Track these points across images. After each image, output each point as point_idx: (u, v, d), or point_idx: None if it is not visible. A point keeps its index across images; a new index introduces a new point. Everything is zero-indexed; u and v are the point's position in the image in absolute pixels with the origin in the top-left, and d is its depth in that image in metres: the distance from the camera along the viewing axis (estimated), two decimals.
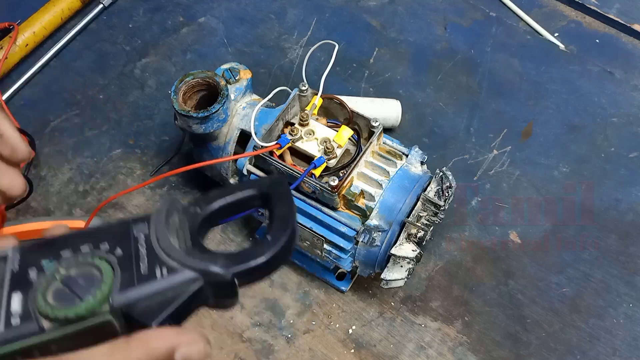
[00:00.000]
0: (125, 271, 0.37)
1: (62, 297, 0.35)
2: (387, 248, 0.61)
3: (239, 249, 0.43)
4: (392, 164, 0.63)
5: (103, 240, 0.39)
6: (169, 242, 0.39)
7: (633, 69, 0.92)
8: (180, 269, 0.37)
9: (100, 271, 0.36)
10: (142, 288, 0.36)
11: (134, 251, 0.38)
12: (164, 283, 0.37)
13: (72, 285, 0.36)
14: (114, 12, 0.96)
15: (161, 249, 0.38)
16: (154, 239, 0.39)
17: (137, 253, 0.38)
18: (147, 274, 0.37)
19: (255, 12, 0.97)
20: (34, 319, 0.35)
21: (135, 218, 0.40)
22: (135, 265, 0.38)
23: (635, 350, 0.69)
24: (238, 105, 0.68)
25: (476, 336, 0.70)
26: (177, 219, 0.41)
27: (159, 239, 0.39)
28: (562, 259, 0.75)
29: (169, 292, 0.37)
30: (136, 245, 0.39)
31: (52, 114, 0.86)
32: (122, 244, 0.39)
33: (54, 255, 0.38)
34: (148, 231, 0.40)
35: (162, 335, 0.34)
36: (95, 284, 0.36)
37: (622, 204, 0.79)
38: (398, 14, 0.97)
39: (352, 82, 0.89)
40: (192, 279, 0.37)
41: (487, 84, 0.90)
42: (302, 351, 0.69)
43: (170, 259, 0.38)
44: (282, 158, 0.62)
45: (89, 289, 0.35)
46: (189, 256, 0.38)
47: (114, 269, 0.37)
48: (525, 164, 0.82)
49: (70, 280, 0.36)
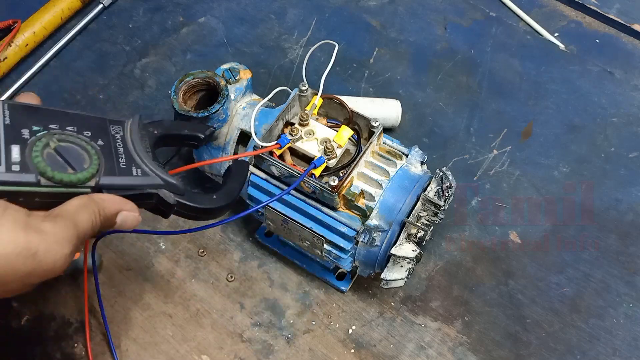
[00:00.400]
0: (107, 160, 0.46)
1: (55, 162, 0.43)
2: (387, 248, 0.61)
3: (192, 189, 0.52)
4: (392, 164, 0.63)
5: (86, 128, 0.47)
6: (143, 149, 0.49)
7: (633, 69, 0.92)
8: (151, 174, 0.48)
9: (88, 153, 0.45)
10: (121, 179, 0.47)
11: (113, 147, 0.48)
12: (137, 180, 0.48)
13: (66, 156, 0.44)
14: (114, 12, 0.96)
15: (136, 152, 0.49)
16: (129, 142, 0.49)
17: (116, 149, 0.48)
18: (125, 169, 0.47)
19: (255, 12, 0.97)
20: (33, 172, 0.42)
21: (112, 119, 0.50)
22: (115, 158, 0.47)
23: (635, 350, 0.69)
24: (238, 105, 0.68)
25: (476, 336, 0.70)
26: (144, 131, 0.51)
27: (134, 143, 0.49)
28: (562, 259, 0.75)
29: (137, 188, 0.48)
30: (115, 142, 0.48)
31: None
32: (102, 137, 0.48)
33: (43, 125, 0.45)
34: (123, 134, 0.49)
35: (114, 199, 0.46)
36: (85, 161, 0.45)
37: (622, 204, 0.79)
38: (398, 14, 0.97)
39: (352, 82, 0.89)
40: (157, 185, 0.48)
41: (487, 84, 0.90)
42: (302, 351, 0.69)
43: (143, 163, 0.48)
44: (282, 158, 0.62)
45: (81, 164, 0.45)
46: (158, 167, 0.49)
47: (98, 156, 0.46)
48: (525, 164, 0.82)
49: (64, 151, 0.44)
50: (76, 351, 0.68)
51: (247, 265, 0.74)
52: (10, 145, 0.43)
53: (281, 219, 0.64)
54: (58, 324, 0.69)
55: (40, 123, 0.46)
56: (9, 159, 0.42)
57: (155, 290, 0.72)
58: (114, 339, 0.68)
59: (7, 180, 0.41)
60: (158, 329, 0.70)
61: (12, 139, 0.43)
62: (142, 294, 0.72)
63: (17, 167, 0.42)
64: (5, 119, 0.44)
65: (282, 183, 0.64)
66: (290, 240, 0.69)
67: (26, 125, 0.45)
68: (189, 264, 0.74)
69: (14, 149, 0.43)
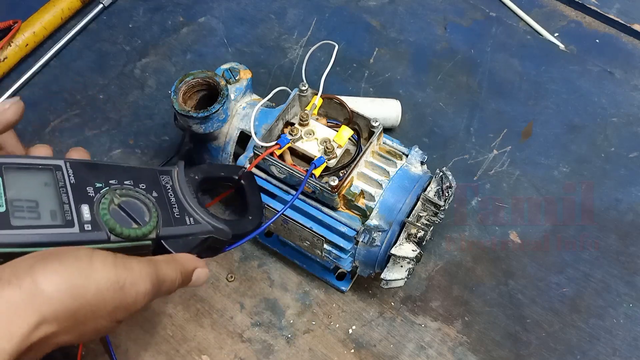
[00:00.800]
0: (163, 212, 0.49)
1: (120, 218, 0.46)
2: (387, 248, 0.61)
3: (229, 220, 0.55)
4: (392, 164, 0.63)
5: (141, 181, 0.50)
6: (193, 197, 0.53)
7: (633, 69, 0.92)
8: (202, 222, 0.51)
9: (147, 206, 0.48)
10: (177, 228, 0.50)
11: (166, 197, 0.51)
12: (191, 229, 0.51)
13: (129, 211, 0.47)
14: (114, 12, 0.96)
15: (186, 201, 0.52)
16: (179, 191, 0.52)
17: (169, 199, 0.51)
18: (179, 219, 0.50)
19: (255, 12, 0.97)
20: (103, 230, 0.45)
21: (160, 169, 0.53)
22: (170, 209, 0.50)
23: (635, 350, 0.69)
24: (238, 105, 0.68)
25: (476, 336, 0.70)
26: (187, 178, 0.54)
27: (183, 192, 0.52)
28: (562, 259, 0.75)
29: (192, 235, 0.51)
30: (167, 193, 0.51)
31: (52, 114, 0.86)
32: (156, 188, 0.51)
33: (104, 181, 0.48)
34: (172, 183, 0.53)
35: (190, 258, 0.50)
36: (146, 214, 0.48)
37: (622, 204, 0.79)
38: (398, 14, 0.97)
39: (352, 82, 0.89)
40: (209, 231, 0.51)
41: (487, 84, 0.90)
42: (302, 351, 0.69)
43: (194, 212, 0.52)
44: (282, 158, 0.62)
45: (143, 217, 0.47)
46: (206, 213, 0.52)
47: (156, 208, 0.49)
48: (525, 164, 0.82)
49: (127, 206, 0.47)
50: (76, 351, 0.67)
51: (247, 265, 0.74)
52: (80, 205, 0.45)
53: (281, 219, 0.64)
54: None
55: (101, 179, 0.48)
56: (80, 219, 0.45)
57: None
58: (114, 339, 0.68)
59: (82, 240, 0.44)
60: (158, 329, 0.70)
61: (80, 198, 0.46)
62: None
63: (89, 227, 0.45)
64: (70, 177, 0.47)
65: (282, 183, 0.64)
66: (290, 240, 0.69)
67: (90, 183, 0.47)
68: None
69: (84, 208, 0.45)
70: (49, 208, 0.44)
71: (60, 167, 0.47)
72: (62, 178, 0.46)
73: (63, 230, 0.43)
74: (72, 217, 0.44)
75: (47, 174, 0.46)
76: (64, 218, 0.44)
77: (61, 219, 0.44)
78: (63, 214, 0.44)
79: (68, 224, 0.44)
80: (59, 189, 0.45)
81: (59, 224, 0.43)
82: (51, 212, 0.44)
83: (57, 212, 0.44)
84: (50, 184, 0.45)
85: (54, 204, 0.44)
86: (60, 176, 0.46)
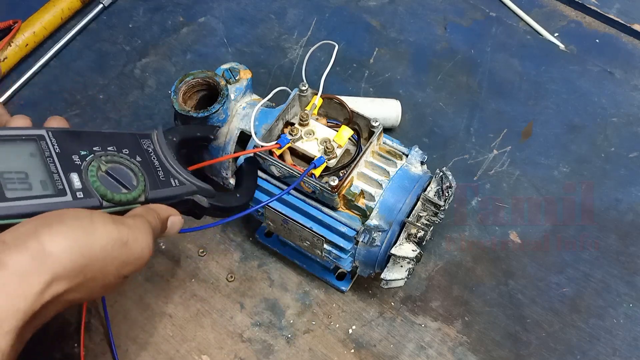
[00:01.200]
0: (149, 175, 0.51)
1: (109, 184, 0.47)
2: (387, 248, 0.61)
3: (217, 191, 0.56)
4: (392, 164, 0.63)
5: (124, 146, 0.51)
6: (174, 159, 0.54)
7: (633, 69, 0.92)
8: (187, 182, 0.53)
9: (133, 171, 0.49)
10: (163, 191, 0.51)
11: (149, 161, 0.52)
12: (176, 190, 0.52)
13: (117, 176, 0.48)
14: (114, 12, 0.96)
15: (169, 164, 0.53)
16: (161, 154, 0.53)
17: (152, 162, 0.52)
18: (165, 181, 0.52)
19: (255, 12, 0.97)
20: (95, 197, 0.46)
21: (140, 133, 0.54)
22: (155, 172, 0.52)
23: (635, 350, 0.69)
24: (238, 105, 0.68)
25: (476, 336, 0.70)
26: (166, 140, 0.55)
27: (165, 155, 0.53)
28: (562, 259, 0.75)
29: (177, 196, 0.52)
30: (149, 156, 0.52)
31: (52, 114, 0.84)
32: (139, 152, 0.52)
33: (88, 148, 0.48)
34: (154, 147, 0.53)
35: (164, 207, 0.51)
36: (133, 179, 0.49)
37: (622, 204, 0.79)
38: (398, 14, 0.97)
39: (352, 82, 0.89)
40: (194, 191, 0.53)
41: (487, 84, 0.90)
42: (302, 351, 0.69)
43: (178, 173, 0.53)
44: (282, 158, 0.62)
45: (131, 182, 0.49)
46: (189, 174, 0.53)
47: (142, 172, 0.50)
48: (525, 164, 0.82)
49: (114, 172, 0.48)
50: (76, 351, 0.68)
51: (247, 265, 0.74)
52: (69, 174, 0.46)
53: (281, 219, 0.64)
54: (58, 324, 0.69)
55: (85, 147, 0.48)
56: (72, 187, 0.45)
57: (155, 290, 0.72)
58: (114, 339, 0.68)
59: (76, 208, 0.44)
60: (158, 329, 0.70)
61: (67, 167, 0.46)
62: (142, 294, 0.72)
63: (81, 194, 0.46)
64: (54, 147, 0.47)
65: (282, 183, 0.64)
66: (290, 240, 0.69)
67: (74, 151, 0.48)
68: (189, 264, 0.74)
69: (73, 177, 0.46)
70: (39, 178, 0.44)
71: (43, 136, 0.47)
72: (47, 148, 0.46)
73: (56, 199, 0.44)
74: (64, 185, 0.45)
75: (31, 145, 0.46)
76: (55, 187, 0.45)
77: (53, 188, 0.45)
78: (54, 184, 0.45)
79: (60, 192, 0.45)
80: (46, 159, 0.46)
81: (51, 193, 0.44)
82: (42, 182, 0.44)
83: (47, 182, 0.45)
84: (36, 155, 0.46)
85: (43, 174, 0.45)
86: (45, 146, 0.46)
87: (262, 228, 0.76)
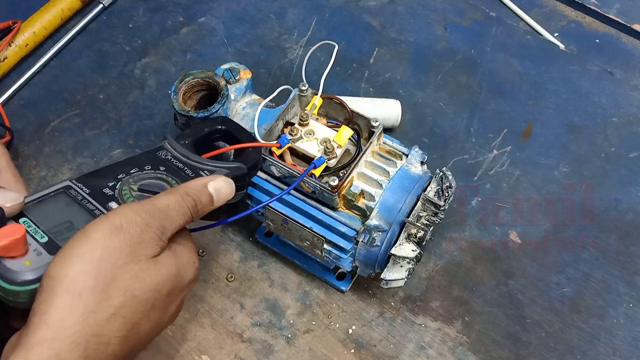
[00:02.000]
0: (179, 177, 0.51)
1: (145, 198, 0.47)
2: (387, 248, 0.61)
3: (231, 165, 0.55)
4: (392, 164, 0.63)
5: (145, 165, 0.51)
6: (195, 154, 0.54)
7: (633, 69, 0.92)
8: (216, 169, 0.53)
9: (163, 179, 0.50)
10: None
11: (173, 166, 0.52)
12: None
13: (152, 189, 0.49)
14: (114, 12, 0.96)
15: (192, 160, 0.53)
16: (180, 156, 0.53)
17: (176, 166, 0.52)
18: (196, 176, 0.51)
19: (255, 12, 0.97)
20: None
21: (154, 149, 0.54)
22: (182, 173, 0.52)
23: (635, 350, 0.69)
24: (238, 105, 0.68)
25: (476, 336, 0.70)
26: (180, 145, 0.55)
27: (185, 155, 0.54)
28: (562, 259, 0.75)
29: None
30: (171, 162, 0.53)
31: (52, 114, 0.86)
32: (160, 164, 0.52)
33: (113, 179, 0.49)
34: (171, 153, 0.54)
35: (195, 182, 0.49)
36: (167, 186, 0.50)
37: (622, 204, 0.79)
38: (398, 14, 0.97)
39: (352, 82, 0.89)
40: (226, 175, 0.52)
41: (487, 84, 0.90)
42: (302, 351, 0.69)
43: (205, 165, 0.53)
44: (282, 158, 0.62)
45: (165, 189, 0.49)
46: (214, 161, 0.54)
47: (172, 177, 0.51)
48: (525, 164, 0.82)
49: (147, 187, 0.49)
50: None
51: (247, 265, 0.74)
52: (108, 204, 0.47)
53: (281, 219, 0.64)
54: None
55: (110, 178, 0.49)
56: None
57: None
58: None
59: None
60: None
61: (103, 200, 0.47)
62: None
63: None
64: (83, 190, 0.48)
65: (282, 183, 0.64)
66: (290, 240, 0.69)
67: (103, 186, 0.48)
68: None
69: (112, 205, 0.47)
70: (83, 220, 0.45)
71: (70, 186, 0.48)
72: (77, 193, 0.47)
73: None
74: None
75: (62, 197, 0.47)
76: None
77: None
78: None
79: None
80: (81, 202, 0.47)
81: None
82: (87, 222, 0.45)
83: (92, 220, 0.45)
84: (71, 202, 0.47)
85: (85, 215, 0.46)
86: (75, 193, 0.47)
87: (262, 228, 0.76)
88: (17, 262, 0.41)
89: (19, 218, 0.45)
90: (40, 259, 0.42)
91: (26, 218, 0.45)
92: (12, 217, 0.44)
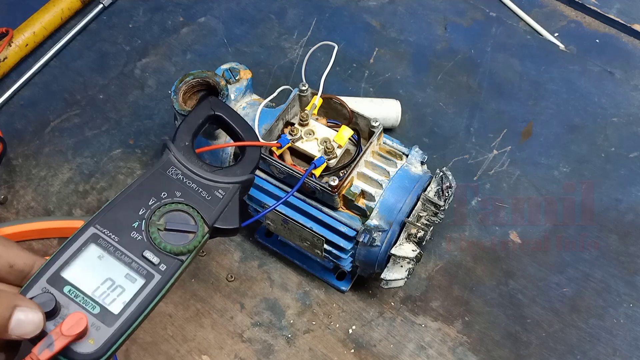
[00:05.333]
0: (196, 203, 0.49)
1: (175, 240, 0.47)
2: (387, 248, 0.61)
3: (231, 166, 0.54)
4: (392, 164, 0.63)
5: (160, 191, 0.49)
6: (204, 170, 0.51)
7: (633, 69, 0.92)
8: (230, 186, 0.51)
9: (184, 211, 0.48)
10: (217, 208, 0.50)
11: (188, 188, 0.50)
12: (226, 199, 0.51)
13: (177, 227, 0.47)
14: (114, 12, 0.96)
15: (204, 179, 0.51)
16: (190, 173, 0.51)
17: (191, 188, 0.50)
18: (212, 199, 0.50)
19: (255, 12, 0.97)
20: (174, 258, 0.46)
21: (159, 165, 0.51)
22: (199, 196, 0.50)
23: (635, 350, 0.69)
24: (238, 106, 0.68)
25: (476, 336, 0.70)
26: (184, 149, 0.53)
27: (195, 171, 0.51)
28: (562, 259, 0.75)
29: (230, 200, 0.51)
30: (185, 184, 0.50)
31: (52, 114, 0.86)
32: (175, 187, 0.50)
33: (137, 217, 0.47)
34: (180, 170, 0.51)
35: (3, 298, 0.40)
36: (190, 219, 0.48)
37: (622, 204, 0.79)
38: (398, 14, 0.97)
39: (352, 82, 0.89)
40: (238, 187, 0.52)
41: (487, 84, 0.90)
42: (302, 351, 0.69)
43: (218, 183, 0.51)
44: (282, 158, 0.62)
45: (190, 223, 0.48)
46: (224, 175, 0.52)
47: (191, 206, 0.49)
48: (525, 164, 0.82)
49: (172, 224, 0.47)
50: None
51: (247, 265, 0.74)
52: (143, 253, 0.46)
53: (281, 219, 0.64)
54: None
55: (133, 215, 0.47)
56: (153, 264, 0.46)
57: None
58: None
59: (167, 280, 0.46)
60: (158, 329, 0.70)
61: (136, 248, 0.46)
62: None
63: (164, 265, 0.46)
64: (112, 237, 0.46)
65: (282, 183, 0.64)
66: (290, 240, 0.69)
67: (127, 227, 0.47)
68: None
69: (148, 254, 0.46)
70: (123, 274, 0.45)
71: (97, 235, 0.46)
72: (107, 243, 0.46)
73: (152, 284, 0.45)
74: (146, 268, 0.45)
75: (93, 248, 0.46)
76: (141, 275, 0.45)
77: (140, 277, 0.45)
78: (139, 272, 0.45)
79: (149, 276, 0.45)
80: (115, 254, 0.46)
81: (144, 282, 0.45)
82: (128, 277, 0.45)
83: (131, 274, 0.45)
84: (103, 254, 0.45)
85: (123, 269, 0.45)
86: (104, 243, 0.46)
87: (262, 228, 0.76)
88: (83, 343, 0.42)
89: (64, 287, 0.43)
90: (101, 333, 0.42)
91: (70, 286, 0.43)
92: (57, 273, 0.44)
